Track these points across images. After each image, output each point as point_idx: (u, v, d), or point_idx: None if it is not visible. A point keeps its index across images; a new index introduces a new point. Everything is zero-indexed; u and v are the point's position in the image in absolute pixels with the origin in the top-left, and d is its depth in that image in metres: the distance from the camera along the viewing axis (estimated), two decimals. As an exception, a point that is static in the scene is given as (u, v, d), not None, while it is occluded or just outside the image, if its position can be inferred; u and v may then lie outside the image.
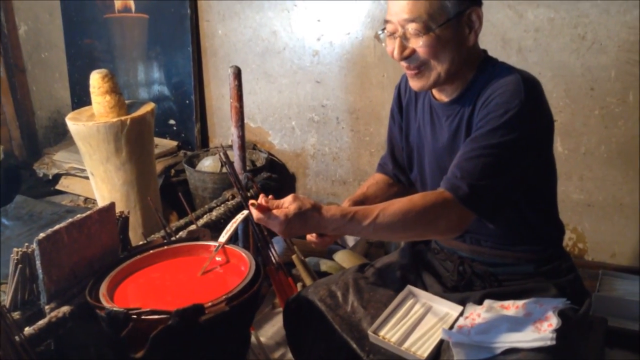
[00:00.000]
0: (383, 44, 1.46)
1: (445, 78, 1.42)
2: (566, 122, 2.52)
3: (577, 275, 1.54)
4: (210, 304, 1.33)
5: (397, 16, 1.36)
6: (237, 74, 2.15)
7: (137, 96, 3.70)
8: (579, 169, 2.55)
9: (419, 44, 1.36)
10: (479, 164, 1.32)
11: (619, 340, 2.03)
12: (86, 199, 3.54)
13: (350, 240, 2.97)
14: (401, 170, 1.74)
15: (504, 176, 1.34)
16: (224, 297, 1.35)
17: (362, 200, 1.66)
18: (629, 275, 2.41)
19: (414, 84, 1.46)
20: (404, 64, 1.43)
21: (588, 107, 2.48)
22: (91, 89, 2.35)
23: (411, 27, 1.35)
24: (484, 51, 1.49)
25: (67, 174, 3.63)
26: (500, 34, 2.55)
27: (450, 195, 1.32)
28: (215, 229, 1.99)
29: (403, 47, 1.39)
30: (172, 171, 3.37)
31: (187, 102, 3.53)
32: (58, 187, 3.66)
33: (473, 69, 1.45)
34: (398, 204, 1.31)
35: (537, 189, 1.45)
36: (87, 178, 3.39)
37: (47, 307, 1.45)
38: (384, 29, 1.44)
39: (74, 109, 3.86)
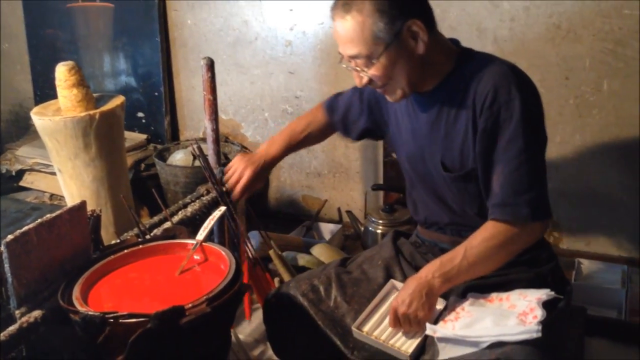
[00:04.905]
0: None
1: (412, 88, 1.45)
2: (541, 111, 2.52)
3: (557, 263, 1.56)
4: (190, 305, 1.28)
5: (344, 52, 1.41)
6: (210, 65, 2.09)
7: (103, 88, 3.59)
8: (554, 158, 2.56)
9: (370, 73, 1.40)
10: (521, 174, 1.36)
11: (597, 329, 2.05)
12: (52, 195, 3.43)
13: (327, 233, 2.94)
14: (344, 127, 1.79)
15: (543, 169, 1.40)
16: (204, 297, 1.30)
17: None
18: (604, 262, 2.45)
19: (389, 99, 1.50)
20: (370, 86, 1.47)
21: (563, 97, 2.49)
22: (57, 82, 2.26)
23: (356, 62, 1.41)
24: (456, 42, 1.49)
25: (32, 170, 3.51)
26: (476, 23, 2.54)
27: (515, 222, 1.37)
28: (191, 225, 1.93)
29: (361, 78, 1.44)
30: (142, 165, 3.29)
31: (156, 94, 3.44)
32: (22, 183, 3.54)
33: (449, 62, 1.44)
34: (477, 249, 1.39)
35: None
36: (52, 174, 3.29)
37: (17, 312, 1.38)
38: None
39: (36, 102, 3.74)
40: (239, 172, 1.76)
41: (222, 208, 1.67)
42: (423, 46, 1.38)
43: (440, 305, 1.48)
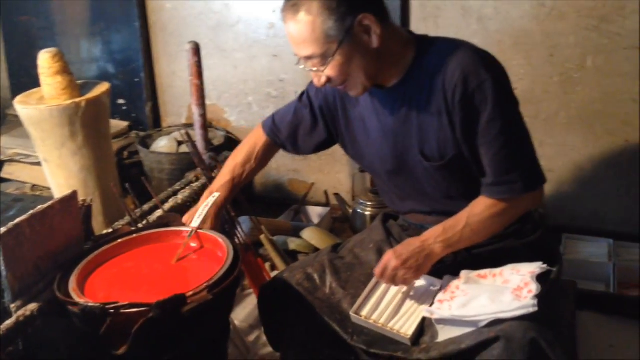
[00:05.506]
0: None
1: (372, 81, 1.44)
2: (526, 89, 2.53)
3: (543, 232, 1.58)
4: (191, 293, 1.27)
5: (298, 53, 1.40)
6: (196, 50, 2.07)
7: (82, 75, 3.50)
8: (539, 135, 2.58)
9: (327, 72, 1.39)
10: (507, 153, 1.37)
11: (587, 302, 2.09)
12: (33, 186, 3.37)
13: (315, 216, 2.94)
14: (294, 143, 1.73)
15: (527, 138, 1.41)
16: (205, 285, 1.30)
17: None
18: (590, 237, 2.49)
19: (350, 94, 1.49)
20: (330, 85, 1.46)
21: (548, 74, 2.50)
22: (40, 70, 2.21)
23: (312, 62, 1.39)
24: (410, 31, 1.49)
25: (11, 161, 3.45)
26: (460, 2, 2.53)
27: (511, 198, 1.40)
28: (182, 213, 1.92)
29: (319, 77, 1.42)
30: (125, 153, 3.24)
31: (137, 80, 3.39)
32: (2, 174, 3.47)
33: (409, 51, 1.44)
34: (479, 217, 1.41)
35: None
36: (33, 164, 3.23)
37: (12, 305, 1.36)
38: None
39: (13, 91, 3.66)
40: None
41: (215, 194, 1.66)
42: (377, 39, 1.37)
43: (435, 285, 1.49)
